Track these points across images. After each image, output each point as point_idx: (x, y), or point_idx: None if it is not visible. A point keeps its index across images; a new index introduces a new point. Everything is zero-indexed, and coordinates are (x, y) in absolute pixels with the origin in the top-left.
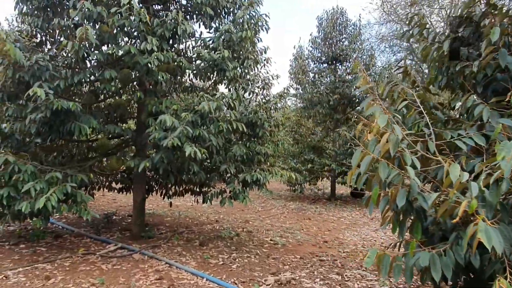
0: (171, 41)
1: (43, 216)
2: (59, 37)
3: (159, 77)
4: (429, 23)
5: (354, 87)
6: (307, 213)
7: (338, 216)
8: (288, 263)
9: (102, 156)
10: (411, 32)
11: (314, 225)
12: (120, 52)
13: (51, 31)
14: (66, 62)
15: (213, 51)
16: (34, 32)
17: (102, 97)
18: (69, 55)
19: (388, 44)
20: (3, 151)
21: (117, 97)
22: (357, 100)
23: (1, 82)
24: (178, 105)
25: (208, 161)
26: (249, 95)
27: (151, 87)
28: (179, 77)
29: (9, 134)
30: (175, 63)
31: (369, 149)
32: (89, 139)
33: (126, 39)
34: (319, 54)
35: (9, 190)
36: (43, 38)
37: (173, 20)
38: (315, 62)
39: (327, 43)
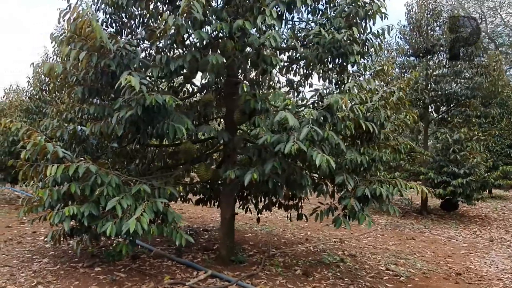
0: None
1: (129, 239)
2: (137, 24)
3: (274, 63)
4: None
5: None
6: (405, 231)
7: (446, 236)
8: None
9: (188, 164)
10: None
11: (425, 248)
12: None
13: (126, 20)
14: (159, 46)
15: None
16: (110, 21)
17: (182, 94)
18: (168, 34)
19: None
20: (82, 158)
21: (200, 93)
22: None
23: (82, 73)
24: (290, 100)
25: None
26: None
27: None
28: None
29: (83, 138)
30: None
31: None
32: (171, 143)
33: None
34: (408, 46)
35: (90, 208)
36: (119, 28)
37: None
38: (403, 55)
39: (416, 32)
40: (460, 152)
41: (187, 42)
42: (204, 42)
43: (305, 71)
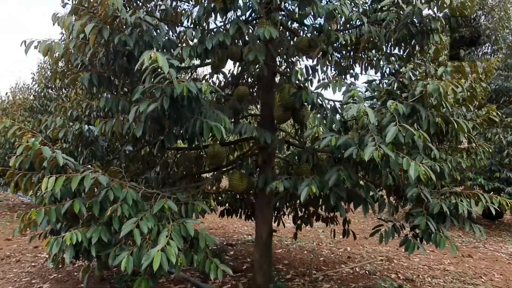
0: None
1: (150, 273)
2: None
3: (341, 40)
4: None
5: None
6: (456, 245)
7: (506, 252)
8: None
9: (219, 171)
10: None
11: (490, 269)
12: None
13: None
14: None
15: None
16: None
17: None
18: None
19: None
20: (89, 165)
21: (231, 86)
22: None
23: (90, 53)
24: (357, 91)
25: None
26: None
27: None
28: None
29: (91, 139)
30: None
31: None
32: (197, 146)
33: None
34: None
35: (99, 232)
36: None
37: None
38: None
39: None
40: None
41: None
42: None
43: (345, 61)
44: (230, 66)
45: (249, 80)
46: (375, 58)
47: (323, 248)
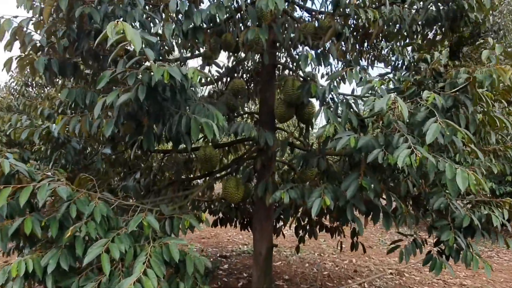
0: None
1: None
2: None
3: (363, 17)
4: None
5: None
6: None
7: None
8: None
9: (212, 178)
10: None
11: (509, 281)
12: None
13: None
14: None
15: None
16: None
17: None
18: None
19: None
20: (50, 173)
21: (223, 79)
22: None
23: (45, 31)
24: (380, 81)
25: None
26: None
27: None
28: None
29: (62, 141)
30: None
31: None
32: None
33: None
34: None
35: (58, 257)
36: None
37: None
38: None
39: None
40: None
41: None
42: None
43: (350, 54)
44: (224, 61)
45: (244, 75)
46: (385, 50)
47: (326, 260)
